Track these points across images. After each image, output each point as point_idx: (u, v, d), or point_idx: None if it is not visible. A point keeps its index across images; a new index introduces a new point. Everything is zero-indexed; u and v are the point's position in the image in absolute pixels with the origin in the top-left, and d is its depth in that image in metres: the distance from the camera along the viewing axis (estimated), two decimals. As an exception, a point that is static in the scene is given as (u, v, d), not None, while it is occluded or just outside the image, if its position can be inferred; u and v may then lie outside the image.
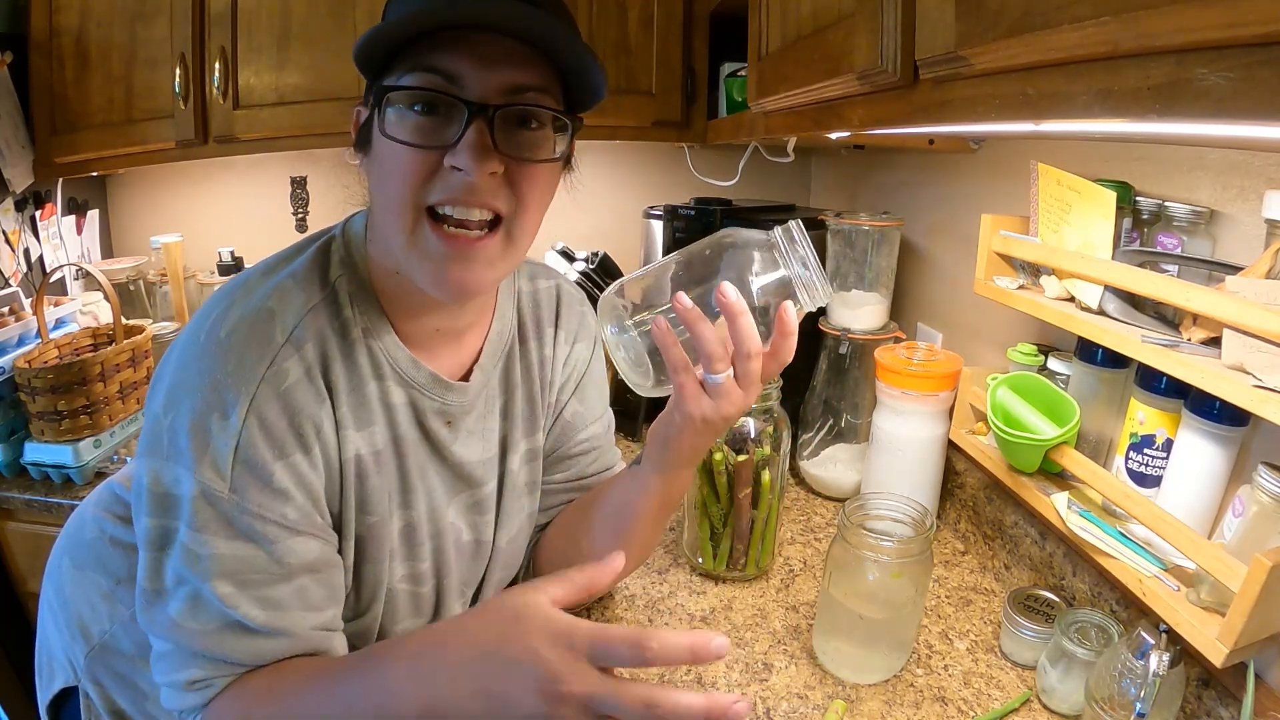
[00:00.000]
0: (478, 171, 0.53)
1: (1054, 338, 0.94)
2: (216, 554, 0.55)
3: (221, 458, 0.54)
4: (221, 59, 1.39)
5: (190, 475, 0.54)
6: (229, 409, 0.54)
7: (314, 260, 0.62)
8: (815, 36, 0.79)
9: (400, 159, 0.54)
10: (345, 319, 0.61)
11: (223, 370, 0.55)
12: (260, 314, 0.57)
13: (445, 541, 0.71)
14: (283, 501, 0.56)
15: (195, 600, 0.55)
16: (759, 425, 0.94)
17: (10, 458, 1.23)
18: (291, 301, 0.59)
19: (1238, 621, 0.57)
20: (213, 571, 0.55)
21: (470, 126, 0.53)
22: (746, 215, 1.29)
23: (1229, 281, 0.59)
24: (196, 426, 0.54)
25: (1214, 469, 0.68)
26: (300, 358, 0.57)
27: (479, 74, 0.54)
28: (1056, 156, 0.83)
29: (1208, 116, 0.33)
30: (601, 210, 1.90)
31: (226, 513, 0.55)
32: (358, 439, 0.62)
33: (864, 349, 1.17)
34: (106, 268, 1.65)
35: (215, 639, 0.56)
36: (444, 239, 0.55)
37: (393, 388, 0.64)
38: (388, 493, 0.65)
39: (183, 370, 0.57)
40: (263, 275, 0.61)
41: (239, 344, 0.56)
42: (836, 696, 0.77)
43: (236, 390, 0.55)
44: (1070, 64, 0.41)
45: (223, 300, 0.59)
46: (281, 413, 0.56)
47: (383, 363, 0.63)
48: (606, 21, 1.46)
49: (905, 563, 0.76)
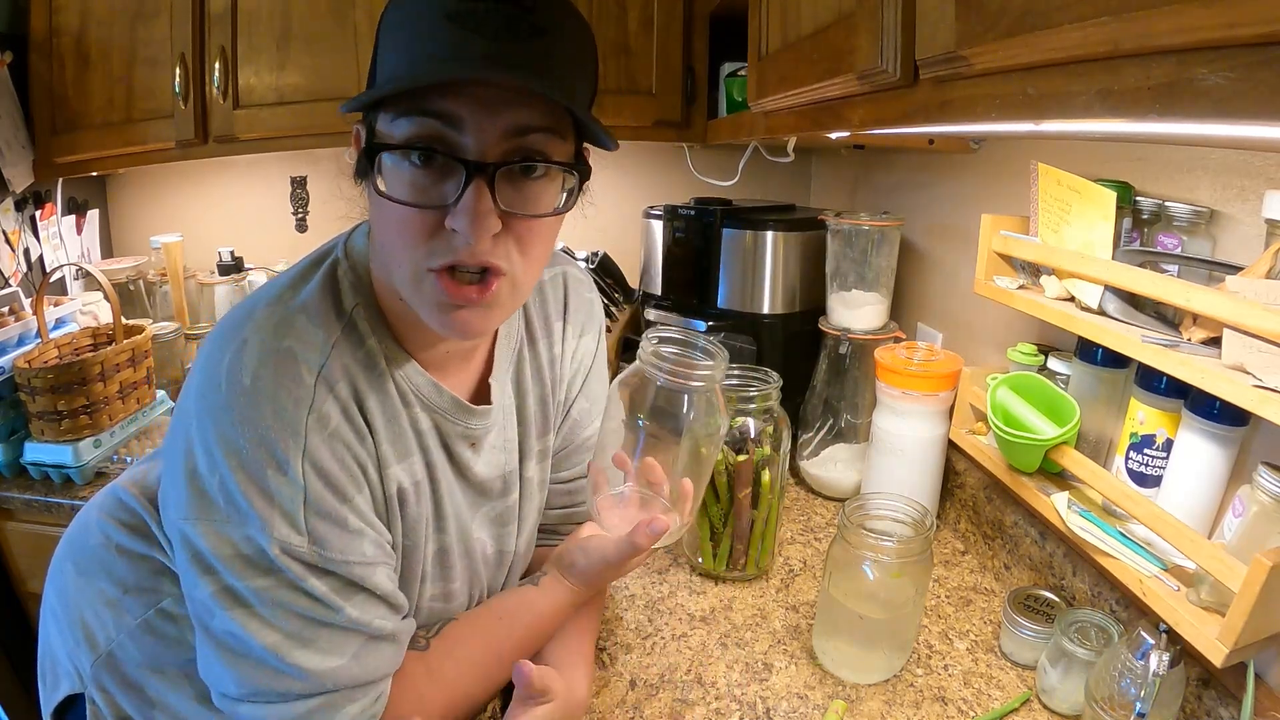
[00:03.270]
0: (477, 237, 0.51)
1: (1054, 338, 0.94)
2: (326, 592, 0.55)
3: (294, 513, 0.53)
4: (221, 59, 1.39)
5: (264, 534, 0.52)
6: (284, 464, 0.52)
7: (324, 288, 0.59)
8: (815, 36, 0.79)
9: (399, 217, 0.52)
10: (369, 350, 0.59)
11: (263, 422, 0.53)
12: (282, 354, 0.55)
13: (475, 559, 0.71)
14: (360, 540, 0.56)
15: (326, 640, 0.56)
16: (759, 425, 0.94)
17: (10, 458, 1.23)
18: (311, 338, 0.56)
19: (1238, 621, 0.57)
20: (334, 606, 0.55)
21: (469, 187, 0.50)
22: (746, 215, 1.29)
23: (1229, 281, 0.59)
24: (254, 485, 0.52)
25: (1214, 469, 0.68)
26: (335, 398, 0.56)
27: (481, 118, 0.50)
28: (1056, 156, 0.83)
29: (1208, 116, 0.33)
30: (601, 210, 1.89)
31: (313, 564, 0.54)
32: (399, 472, 0.61)
33: (864, 349, 1.17)
34: (106, 268, 1.65)
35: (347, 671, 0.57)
36: (447, 288, 0.53)
37: (420, 414, 0.63)
38: (425, 520, 0.65)
39: (214, 424, 0.53)
40: (270, 307, 0.57)
41: (270, 390, 0.53)
42: (836, 696, 0.77)
43: (285, 441, 0.53)
44: (1070, 64, 0.41)
45: (232, 339, 0.55)
46: (333, 458, 0.55)
47: (407, 390, 0.62)
48: (606, 21, 1.46)
49: (905, 563, 0.76)
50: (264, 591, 0.53)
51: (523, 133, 0.51)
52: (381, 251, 0.57)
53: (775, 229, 1.25)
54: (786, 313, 1.28)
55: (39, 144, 1.49)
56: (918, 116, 0.60)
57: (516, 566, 0.79)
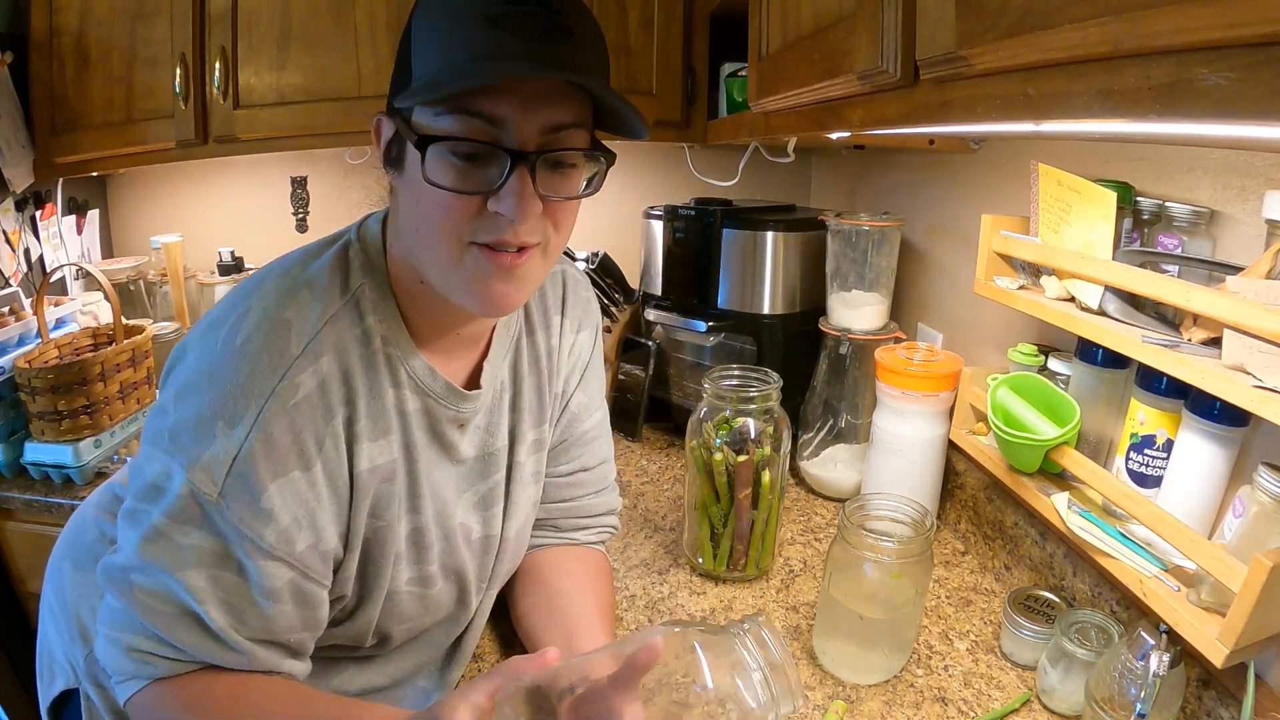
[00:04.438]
0: (523, 218, 0.55)
1: (1054, 338, 0.94)
2: (195, 546, 0.56)
3: (218, 464, 0.55)
4: (222, 59, 1.39)
5: (183, 472, 0.55)
6: (236, 419, 0.55)
7: (334, 266, 0.62)
8: (815, 36, 0.79)
9: (444, 202, 0.55)
10: (367, 327, 0.61)
11: (234, 379, 0.56)
12: (277, 324, 0.58)
13: (455, 542, 0.71)
14: (264, 523, 0.56)
15: (162, 583, 0.56)
16: (759, 425, 0.94)
17: (10, 458, 1.23)
18: (309, 312, 0.59)
19: (1238, 622, 0.57)
20: (188, 562, 0.56)
21: (513, 174, 0.54)
22: (746, 215, 1.29)
23: (1229, 282, 0.59)
24: (201, 428, 0.55)
25: (1214, 469, 0.68)
26: (315, 370, 0.58)
27: (521, 116, 0.54)
28: (1057, 157, 0.83)
29: (1208, 116, 0.33)
30: (601, 210, 1.90)
31: (210, 515, 0.56)
32: (373, 449, 0.62)
33: (864, 349, 1.17)
34: (106, 268, 1.65)
35: (170, 623, 0.57)
36: (490, 258, 0.57)
37: (409, 395, 0.64)
38: (398, 499, 0.65)
39: (196, 370, 0.58)
40: (280, 279, 0.61)
41: (253, 354, 0.56)
42: (836, 697, 0.77)
43: (246, 402, 0.55)
44: (1071, 64, 0.41)
45: (241, 303, 0.59)
46: (287, 429, 0.56)
47: (400, 371, 0.63)
48: (607, 22, 1.46)
49: (905, 563, 0.76)
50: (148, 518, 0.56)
51: (557, 129, 0.55)
52: (414, 235, 0.59)
53: (775, 229, 1.25)
54: (786, 313, 1.28)
55: (39, 144, 1.49)
56: (918, 117, 0.60)
57: (505, 552, 0.78)
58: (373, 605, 0.67)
